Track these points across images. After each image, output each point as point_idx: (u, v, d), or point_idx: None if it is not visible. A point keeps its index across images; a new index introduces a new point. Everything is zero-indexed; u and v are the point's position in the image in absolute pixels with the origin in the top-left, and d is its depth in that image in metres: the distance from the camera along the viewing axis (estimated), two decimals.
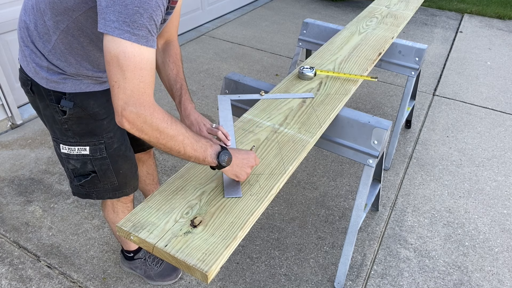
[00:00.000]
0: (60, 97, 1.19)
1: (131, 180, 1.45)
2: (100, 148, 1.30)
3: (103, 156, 1.31)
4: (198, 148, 1.03)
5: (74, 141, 1.27)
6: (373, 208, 2.24)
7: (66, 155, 1.30)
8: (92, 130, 1.27)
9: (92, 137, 1.27)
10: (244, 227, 1.04)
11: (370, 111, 3.15)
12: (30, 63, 1.17)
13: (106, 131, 1.29)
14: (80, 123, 1.24)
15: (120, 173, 1.38)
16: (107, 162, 1.33)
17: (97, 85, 1.25)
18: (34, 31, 1.13)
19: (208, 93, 3.33)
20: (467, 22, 5.09)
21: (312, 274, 1.90)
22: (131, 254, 1.79)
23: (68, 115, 1.21)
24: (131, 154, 1.42)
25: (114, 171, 1.36)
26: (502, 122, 3.08)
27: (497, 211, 2.28)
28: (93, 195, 1.40)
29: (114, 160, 1.34)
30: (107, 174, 1.35)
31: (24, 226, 2.07)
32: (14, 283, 1.79)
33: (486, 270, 1.94)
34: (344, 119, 1.62)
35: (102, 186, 1.38)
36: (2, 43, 2.74)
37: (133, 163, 1.44)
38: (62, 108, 1.20)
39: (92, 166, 1.32)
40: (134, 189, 1.48)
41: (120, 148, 1.35)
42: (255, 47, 4.20)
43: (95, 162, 1.32)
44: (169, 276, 1.81)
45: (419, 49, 2.32)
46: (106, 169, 1.34)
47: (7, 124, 2.79)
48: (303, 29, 2.62)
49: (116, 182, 1.39)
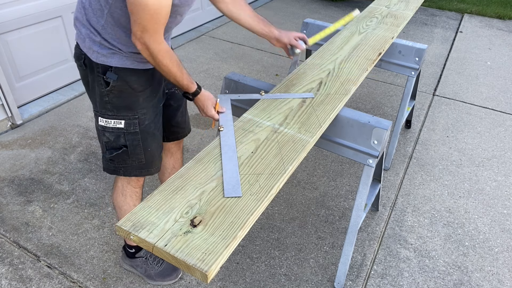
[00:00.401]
0: (106, 69, 1.35)
1: (157, 160, 1.57)
2: (134, 123, 1.42)
3: (136, 131, 1.44)
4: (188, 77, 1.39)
5: (111, 114, 1.40)
6: (373, 208, 2.24)
7: (102, 127, 1.43)
8: (129, 104, 1.40)
9: (128, 111, 1.40)
10: (244, 227, 1.04)
11: (370, 111, 3.15)
12: (86, 39, 1.33)
13: (141, 107, 1.42)
14: (119, 97, 1.38)
15: (148, 151, 1.50)
16: (138, 138, 1.46)
17: (141, 64, 1.38)
18: (89, 8, 1.30)
19: None
20: (467, 22, 5.09)
21: (312, 274, 1.90)
22: (133, 250, 1.80)
23: (111, 87, 1.36)
24: (159, 135, 1.55)
25: (143, 147, 1.48)
26: (502, 122, 3.08)
27: (497, 211, 2.28)
28: (120, 171, 1.51)
29: (144, 136, 1.47)
30: (136, 150, 1.47)
31: (24, 226, 2.07)
32: (14, 283, 1.79)
33: (486, 270, 1.94)
34: (344, 119, 1.62)
35: (130, 163, 1.49)
36: (2, 43, 2.74)
37: (160, 144, 1.57)
38: (107, 79, 1.35)
39: (124, 140, 1.45)
40: (157, 170, 1.59)
41: (150, 125, 1.47)
42: (255, 47, 4.20)
43: (128, 136, 1.44)
44: (169, 276, 1.81)
45: (419, 49, 2.32)
46: (136, 145, 1.46)
47: (7, 124, 2.79)
48: (303, 29, 2.62)
49: (143, 159, 1.50)
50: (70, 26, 3.15)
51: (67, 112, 2.99)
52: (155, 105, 1.49)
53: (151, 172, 1.56)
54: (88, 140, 2.71)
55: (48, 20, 2.99)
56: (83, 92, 3.23)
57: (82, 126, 2.85)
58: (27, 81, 2.99)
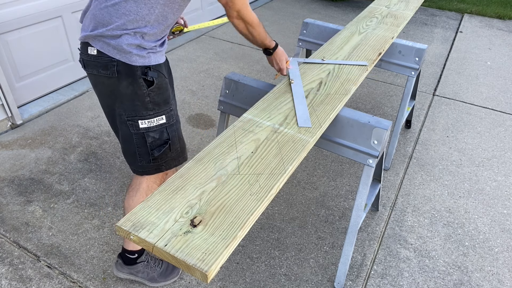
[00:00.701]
0: (145, 70, 1.39)
1: (185, 145, 1.64)
2: (171, 115, 1.50)
3: (174, 122, 1.53)
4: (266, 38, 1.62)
5: (153, 113, 1.44)
6: (373, 208, 2.24)
7: (146, 129, 1.45)
8: (166, 98, 1.48)
9: (166, 105, 1.48)
10: (244, 227, 1.04)
11: (370, 111, 3.15)
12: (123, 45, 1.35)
13: (171, 98, 1.51)
14: (159, 93, 1.44)
15: (181, 138, 1.59)
16: (175, 128, 1.54)
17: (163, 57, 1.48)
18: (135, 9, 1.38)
19: (208, 93, 3.33)
20: (467, 22, 5.09)
21: (312, 274, 1.90)
22: (135, 256, 1.74)
23: (155, 85, 1.42)
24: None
25: (178, 136, 1.56)
26: (502, 122, 3.08)
27: (497, 211, 2.28)
28: (162, 167, 1.55)
29: (177, 125, 1.56)
30: (174, 141, 1.54)
31: (24, 226, 2.07)
32: (14, 283, 1.79)
33: (486, 270, 1.94)
34: (344, 119, 1.62)
35: (170, 155, 1.54)
36: (2, 43, 2.74)
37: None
38: (150, 78, 1.40)
39: (167, 133, 1.51)
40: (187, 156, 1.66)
41: (177, 114, 1.58)
42: (255, 47, 4.20)
43: (170, 129, 1.51)
44: (171, 274, 1.81)
45: (419, 49, 2.32)
46: (174, 135, 1.54)
47: (7, 124, 2.79)
48: (303, 29, 2.62)
49: (179, 147, 1.57)
50: (70, 26, 3.15)
51: (67, 112, 3.00)
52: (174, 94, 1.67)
53: (186, 157, 1.63)
54: (88, 140, 2.71)
55: (48, 20, 2.99)
56: (83, 92, 3.23)
57: (82, 126, 2.85)
58: (27, 81, 2.99)
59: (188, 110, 3.09)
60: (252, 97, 1.80)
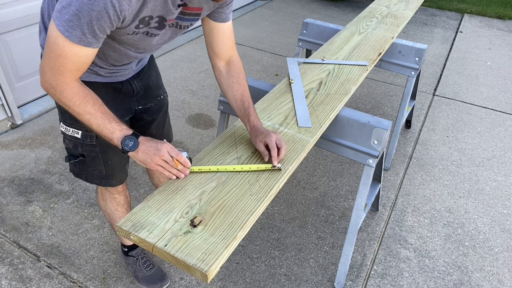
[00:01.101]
0: None
1: (119, 172, 1.51)
2: (90, 135, 1.36)
3: (93, 144, 1.38)
4: (105, 129, 1.13)
5: (70, 123, 1.36)
6: (373, 208, 2.24)
7: (62, 133, 1.40)
8: None
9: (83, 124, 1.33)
10: (244, 227, 1.04)
11: (370, 111, 3.15)
12: None
13: None
14: None
15: (108, 164, 1.45)
16: (97, 150, 1.40)
17: (99, 77, 1.31)
18: None
19: (208, 93, 3.33)
20: (467, 22, 5.09)
21: (312, 274, 1.90)
22: (126, 249, 1.84)
23: None
24: None
25: (103, 160, 1.43)
26: (502, 122, 3.08)
27: (497, 211, 2.28)
28: (83, 176, 1.49)
29: (103, 149, 1.41)
30: (95, 161, 1.43)
31: (24, 226, 2.07)
32: (14, 283, 1.79)
33: (486, 270, 1.94)
34: (344, 119, 1.62)
35: (91, 171, 1.46)
36: (2, 43, 2.74)
37: (124, 158, 1.50)
38: None
39: (82, 150, 1.40)
40: (120, 182, 1.55)
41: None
42: (255, 47, 4.20)
43: (85, 147, 1.39)
44: (154, 284, 1.79)
45: (419, 49, 2.32)
46: (95, 156, 1.41)
47: (7, 124, 2.79)
48: (303, 29, 2.62)
49: (103, 170, 1.46)
50: None
51: None
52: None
53: (112, 184, 1.52)
54: None
55: None
56: None
57: None
58: (27, 81, 2.99)
59: (188, 110, 3.09)
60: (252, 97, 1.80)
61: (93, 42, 1.02)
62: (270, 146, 1.25)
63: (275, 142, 1.25)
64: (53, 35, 1.00)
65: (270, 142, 1.25)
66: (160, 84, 1.62)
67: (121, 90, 1.40)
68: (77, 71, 1.06)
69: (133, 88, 1.44)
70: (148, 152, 1.15)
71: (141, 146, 1.15)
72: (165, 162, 1.16)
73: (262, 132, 1.29)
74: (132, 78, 1.43)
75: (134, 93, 1.46)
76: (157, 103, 1.58)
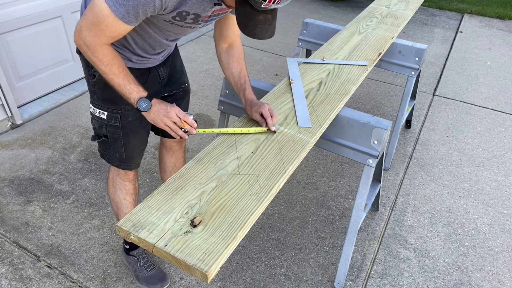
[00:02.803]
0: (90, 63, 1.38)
1: (136, 156, 1.62)
2: (115, 117, 1.47)
3: (117, 125, 1.49)
4: (125, 89, 1.26)
5: (97, 104, 1.48)
6: (373, 208, 2.24)
7: (91, 113, 1.52)
8: (113, 98, 1.43)
9: (111, 105, 1.45)
10: (244, 227, 1.04)
11: (370, 111, 3.15)
12: None
13: (125, 103, 1.40)
14: (104, 89, 1.43)
15: (128, 146, 1.55)
16: (119, 132, 1.51)
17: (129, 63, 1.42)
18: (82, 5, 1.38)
19: (208, 93, 3.33)
20: (467, 22, 5.09)
21: (312, 274, 1.90)
22: (128, 247, 1.84)
23: (96, 79, 1.42)
24: (143, 132, 1.59)
25: (124, 142, 1.54)
26: (502, 122, 3.08)
27: (497, 211, 2.28)
28: (106, 157, 1.61)
29: (125, 132, 1.51)
30: (117, 143, 1.54)
31: (24, 226, 2.07)
32: (14, 283, 1.79)
33: (486, 270, 1.94)
34: (344, 119, 1.62)
35: (112, 153, 1.57)
36: (2, 43, 2.74)
37: (143, 141, 1.62)
38: (94, 72, 1.41)
39: (105, 130, 1.51)
40: (136, 166, 1.65)
41: (134, 122, 1.51)
42: (255, 47, 4.20)
43: (109, 128, 1.50)
44: (154, 285, 1.80)
45: (419, 49, 2.32)
46: (117, 138, 1.52)
47: (7, 124, 2.79)
48: (303, 29, 2.62)
49: (123, 153, 1.57)
50: (70, 26, 3.15)
51: (67, 112, 2.99)
52: None
53: (130, 167, 1.62)
54: (88, 140, 2.71)
55: (48, 20, 2.99)
56: (83, 92, 3.23)
57: (82, 126, 2.85)
58: (27, 81, 2.99)
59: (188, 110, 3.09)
60: None
61: (133, 21, 1.15)
62: (264, 115, 1.40)
63: (268, 111, 1.40)
64: (100, 4, 1.11)
65: (264, 111, 1.40)
66: (184, 72, 1.75)
67: (148, 76, 1.50)
68: (112, 38, 1.20)
69: (159, 74, 1.54)
70: (158, 114, 1.28)
71: (153, 108, 1.28)
72: (173, 123, 1.29)
73: (256, 104, 1.43)
74: (159, 65, 1.53)
75: (160, 79, 1.56)
76: (182, 90, 1.71)
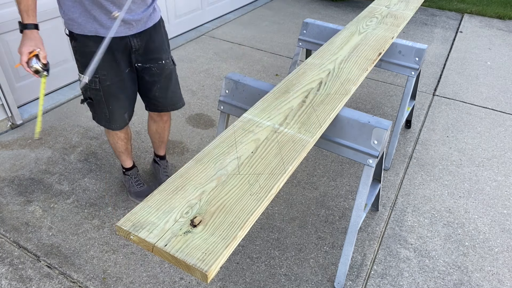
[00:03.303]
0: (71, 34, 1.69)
1: (118, 119, 1.89)
2: (95, 81, 1.74)
3: (97, 88, 1.76)
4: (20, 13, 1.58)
5: (81, 70, 1.75)
6: (373, 208, 2.24)
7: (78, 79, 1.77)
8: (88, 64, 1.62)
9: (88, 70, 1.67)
10: (244, 227, 1.04)
11: (370, 111, 3.15)
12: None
13: (101, 69, 1.70)
14: (82, 57, 1.71)
15: (109, 108, 1.82)
16: (100, 94, 1.78)
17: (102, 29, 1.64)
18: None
19: (208, 93, 3.33)
20: (467, 22, 5.09)
21: (312, 274, 1.90)
22: (124, 170, 2.26)
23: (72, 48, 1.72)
24: (123, 97, 1.84)
25: (106, 104, 1.81)
26: (502, 122, 3.08)
27: (497, 211, 2.28)
28: (95, 119, 1.92)
29: (106, 95, 1.78)
30: (100, 105, 1.82)
31: (24, 226, 2.07)
32: (14, 283, 1.79)
33: (486, 270, 1.94)
34: (344, 119, 1.62)
35: (99, 113, 1.87)
36: (2, 43, 2.74)
37: (123, 106, 1.86)
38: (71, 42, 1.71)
39: (89, 93, 1.80)
40: (118, 127, 1.93)
41: (111, 87, 1.77)
42: (255, 47, 4.20)
43: (92, 91, 1.78)
44: (141, 197, 2.18)
45: (419, 49, 2.32)
46: (99, 100, 1.80)
47: (7, 124, 2.79)
48: (303, 29, 2.62)
49: (107, 113, 1.85)
50: None
51: (67, 112, 3.00)
52: (116, 71, 1.76)
53: (112, 127, 1.91)
54: (88, 140, 2.71)
55: (48, 20, 2.99)
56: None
57: (82, 126, 2.85)
58: (27, 81, 2.99)
59: (188, 110, 3.09)
60: (252, 97, 1.80)
61: None
62: None
63: None
64: None
65: None
66: (164, 50, 1.87)
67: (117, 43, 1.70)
68: None
69: (131, 45, 1.74)
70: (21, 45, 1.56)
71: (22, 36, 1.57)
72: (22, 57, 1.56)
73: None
74: (133, 36, 1.72)
75: (133, 49, 1.76)
76: (158, 66, 1.85)
